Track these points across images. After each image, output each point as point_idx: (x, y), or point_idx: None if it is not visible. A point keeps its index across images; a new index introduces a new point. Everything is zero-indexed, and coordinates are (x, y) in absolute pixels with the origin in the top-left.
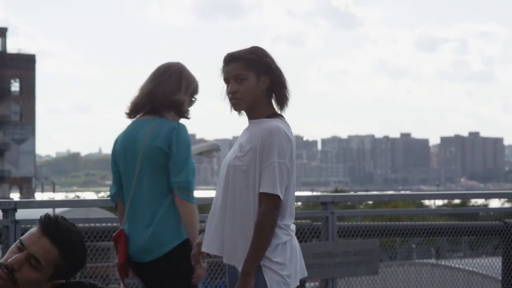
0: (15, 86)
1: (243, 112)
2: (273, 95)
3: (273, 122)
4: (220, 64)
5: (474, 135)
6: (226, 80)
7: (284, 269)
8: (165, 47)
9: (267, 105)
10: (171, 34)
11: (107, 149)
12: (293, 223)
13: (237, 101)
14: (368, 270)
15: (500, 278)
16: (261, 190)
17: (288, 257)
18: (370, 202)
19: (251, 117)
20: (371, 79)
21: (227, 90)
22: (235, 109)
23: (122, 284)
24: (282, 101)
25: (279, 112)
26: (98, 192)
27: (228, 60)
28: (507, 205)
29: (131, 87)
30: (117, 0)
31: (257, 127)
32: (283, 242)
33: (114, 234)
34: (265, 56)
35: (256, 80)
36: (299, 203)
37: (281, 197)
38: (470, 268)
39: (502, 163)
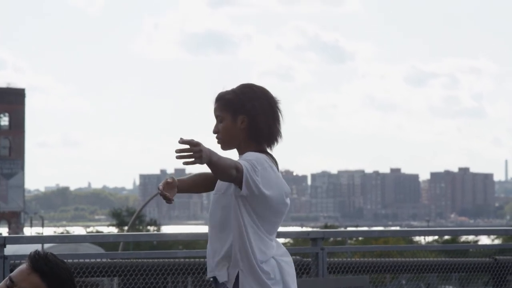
0: (4, 121)
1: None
2: (255, 133)
3: (257, 153)
4: (209, 96)
5: (464, 171)
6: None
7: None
8: (154, 80)
9: (253, 144)
10: (160, 67)
11: (96, 184)
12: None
13: (218, 141)
14: None
15: None
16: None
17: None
18: (360, 238)
19: (239, 154)
20: (361, 114)
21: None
22: (221, 148)
23: None
24: (267, 139)
25: (268, 151)
26: (87, 227)
27: (214, 100)
28: (497, 241)
29: (120, 120)
30: (105, 34)
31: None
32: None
33: None
34: (243, 94)
35: (231, 120)
36: (289, 239)
37: (246, 173)
38: None
39: (492, 199)
